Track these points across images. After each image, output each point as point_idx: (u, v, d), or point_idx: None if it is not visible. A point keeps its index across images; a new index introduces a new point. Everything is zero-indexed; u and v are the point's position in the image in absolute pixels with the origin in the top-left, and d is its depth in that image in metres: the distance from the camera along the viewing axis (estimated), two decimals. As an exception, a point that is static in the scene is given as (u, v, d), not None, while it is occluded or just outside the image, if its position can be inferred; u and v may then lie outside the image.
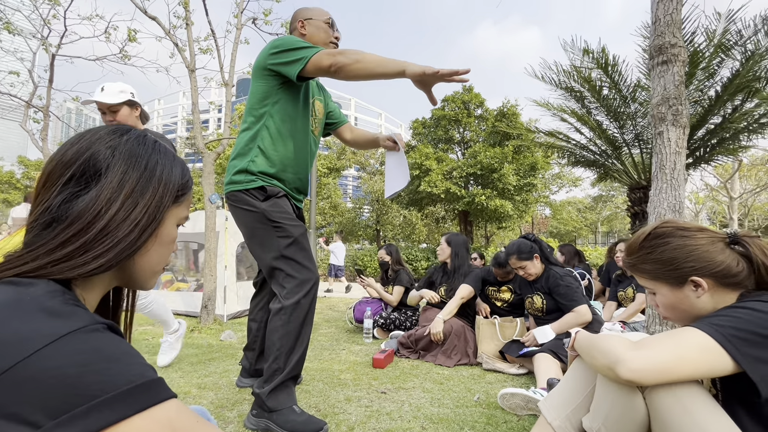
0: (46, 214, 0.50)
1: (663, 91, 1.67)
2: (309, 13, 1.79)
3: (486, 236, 20.67)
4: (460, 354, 2.68)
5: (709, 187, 20.26)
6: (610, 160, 5.42)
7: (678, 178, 1.62)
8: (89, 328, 0.42)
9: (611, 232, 42.97)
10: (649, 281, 1.02)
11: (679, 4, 1.68)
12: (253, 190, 1.65)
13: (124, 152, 0.54)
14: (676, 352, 0.81)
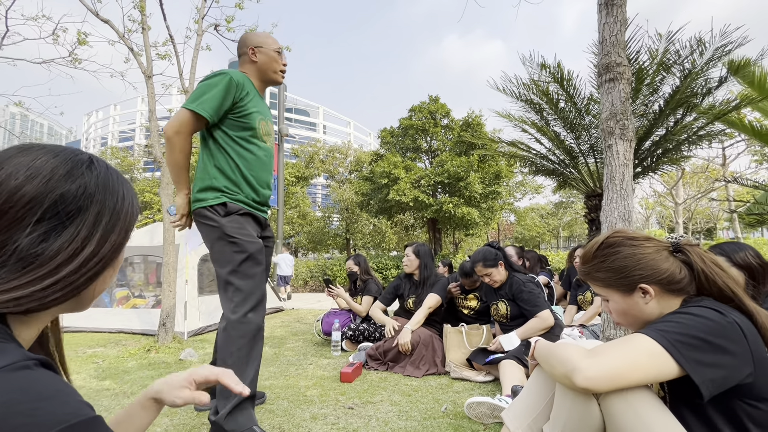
0: (4, 251, 0.47)
1: (611, 107, 1.78)
2: (259, 40, 1.88)
3: (454, 243, 21.05)
4: (429, 364, 2.68)
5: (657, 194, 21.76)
6: (568, 169, 5.71)
7: (626, 189, 1.73)
8: (17, 365, 0.40)
9: (572, 236, 45.06)
10: (602, 288, 1.07)
11: (623, 26, 1.81)
12: (216, 206, 1.74)
13: (96, 190, 0.54)
14: (627, 359, 0.85)
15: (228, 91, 1.70)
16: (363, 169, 20.19)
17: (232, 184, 1.77)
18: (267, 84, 1.94)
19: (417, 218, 15.67)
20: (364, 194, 14.34)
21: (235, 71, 1.77)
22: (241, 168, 1.79)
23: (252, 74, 1.89)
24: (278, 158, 11.40)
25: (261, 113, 1.87)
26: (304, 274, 13.09)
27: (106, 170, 0.57)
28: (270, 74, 1.90)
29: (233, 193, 1.77)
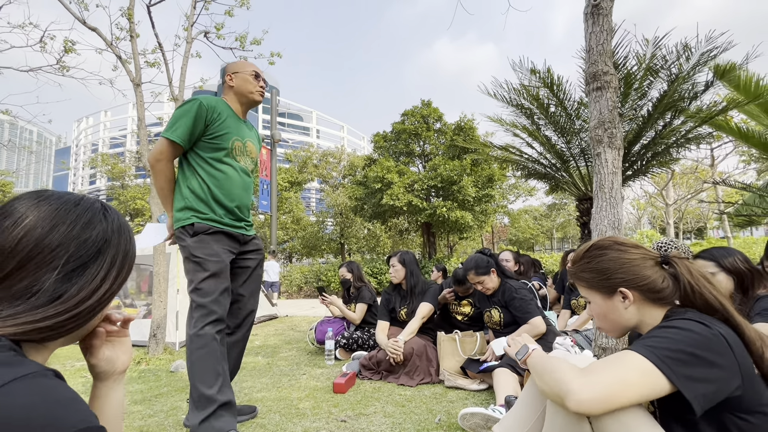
0: (33, 289, 0.55)
1: (599, 115, 1.80)
2: (236, 67, 2.05)
3: (449, 246, 21.09)
4: (423, 373, 2.66)
5: (648, 195, 22.02)
6: (559, 173, 5.74)
7: (616, 197, 1.74)
8: (37, 373, 0.46)
9: (565, 237, 45.38)
10: (585, 290, 1.09)
11: (609, 35, 1.82)
12: (186, 226, 1.86)
13: (112, 235, 0.63)
14: (618, 378, 0.84)
15: (198, 115, 1.82)
16: (356, 173, 20.20)
17: (202, 204, 1.87)
18: (248, 105, 2.07)
19: (411, 222, 15.67)
20: (358, 199, 14.32)
21: (206, 96, 1.91)
22: (211, 187, 1.88)
23: (231, 99, 2.03)
24: (271, 163, 11.34)
25: (236, 134, 1.97)
26: (299, 280, 13.02)
27: (117, 217, 0.67)
28: (247, 95, 2.03)
29: (202, 213, 1.86)
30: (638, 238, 26.04)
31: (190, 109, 1.82)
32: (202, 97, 1.88)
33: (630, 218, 34.71)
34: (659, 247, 2.27)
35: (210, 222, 1.87)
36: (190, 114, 1.82)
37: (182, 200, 1.89)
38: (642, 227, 34.66)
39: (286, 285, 12.96)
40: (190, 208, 1.87)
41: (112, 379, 0.71)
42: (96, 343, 0.69)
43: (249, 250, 2.07)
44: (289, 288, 12.94)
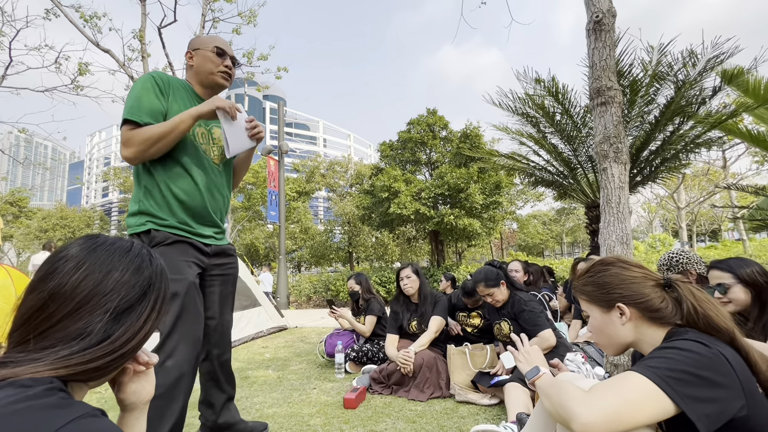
0: (87, 329, 0.59)
1: (604, 130, 1.80)
2: (197, 43, 1.72)
3: (457, 253, 20.99)
4: (433, 387, 2.65)
5: (659, 198, 21.71)
6: (567, 180, 5.73)
7: (623, 212, 1.73)
8: (87, 414, 0.52)
9: (575, 242, 44.85)
10: (586, 303, 1.11)
11: (612, 50, 1.84)
12: (141, 234, 1.54)
13: (155, 279, 0.69)
14: (622, 399, 0.85)
15: (148, 89, 1.53)
16: (363, 182, 20.29)
17: (158, 207, 1.55)
18: (210, 88, 1.74)
19: (419, 230, 15.65)
20: (366, 208, 14.37)
21: (157, 72, 1.65)
22: (171, 186, 1.56)
23: (192, 79, 1.73)
24: (279, 173, 11.47)
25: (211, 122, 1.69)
26: (308, 290, 13.04)
27: (160, 262, 0.72)
28: (208, 76, 1.70)
29: (161, 218, 1.54)
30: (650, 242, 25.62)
31: (141, 85, 1.54)
32: (153, 72, 1.61)
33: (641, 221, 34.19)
34: (670, 257, 2.25)
35: (170, 229, 1.55)
36: (139, 91, 1.52)
37: (136, 203, 1.56)
38: (654, 230, 34.14)
39: (295, 295, 12.99)
40: (145, 212, 1.54)
41: (138, 409, 0.75)
42: (125, 380, 0.73)
43: (220, 263, 1.75)
44: (298, 297, 12.97)
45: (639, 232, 38.77)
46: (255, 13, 6.36)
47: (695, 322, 0.96)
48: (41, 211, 26.53)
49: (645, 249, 22.45)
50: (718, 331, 0.93)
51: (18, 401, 0.50)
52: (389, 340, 3.06)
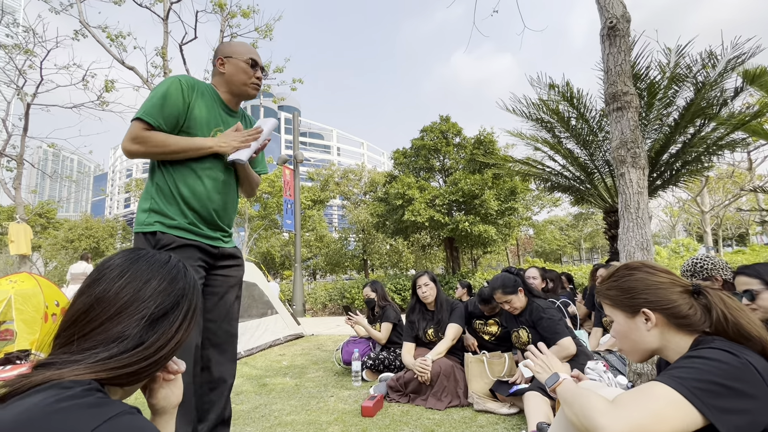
0: (124, 333, 0.65)
1: (621, 135, 1.78)
2: (230, 50, 1.69)
3: (473, 260, 20.78)
4: (451, 395, 2.63)
5: (681, 201, 21.07)
6: (584, 185, 5.64)
7: (643, 217, 1.70)
8: (124, 412, 0.55)
9: (594, 248, 43.84)
10: (610, 308, 1.09)
11: (627, 55, 1.83)
12: (147, 234, 1.52)
13: (188, 290, 0.74)
14: (647, 411, 0.83)
15: (171, 93, 1.52)
16: (377, 190, 20.38)
17: (167, 206, 1.54)
18: (239, 97, 1.74)
19: (433, 237, 15.57)
20: (380, 215, 14.41)
21: (185, 75, 1.62)
22: (179, 185, 1.55)
23: (220, 86, 1.70)
24: (294, 183, 11.64)
25: (215, 123, 1.66)
26: (323, 297, 13.09)
27: (193, 275, 0.78)
28: (239, 87, 1.69)
29: (169, 218, 1.53)
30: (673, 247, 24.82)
31: (166, 86, 1.53)
32: (180, 75, 1.60)
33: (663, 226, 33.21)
34: (694, 263, 2.19)
35: (177, 231, 1.53)
36: (163, 92, 1.51)
37: (148, 199, 1.55)
38: (677, 235, 33.09)
39: (311, 302, 13.06)
40: (156, 210, 1.53)
41: (168, 413, 0.80)
42: (155, 386, 0.78)
43: (225, 265, 1.71)
44: (314, 305, 13.03)
45: (661, 237, 37.63)
46: (271, 28, 6.55)
47: (724, 330, 0.94)
48: (68, 222, 27.53)
49: (668, 254, 21.77)
50: (748, 339, 0.91)
51: (59, 401, 0.53)
52: (405, 348, 3.05)
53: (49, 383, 0.57)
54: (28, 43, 7.00)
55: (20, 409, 0.54)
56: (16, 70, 6.86)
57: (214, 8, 5.75)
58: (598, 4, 1.98)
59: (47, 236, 25.25)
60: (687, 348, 0.96)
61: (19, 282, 5.27)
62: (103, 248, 26.15)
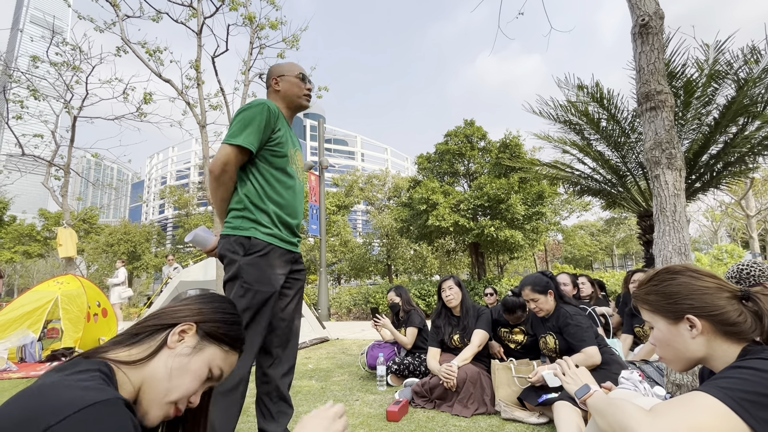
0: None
1: (655, 136, 1.71)
2: (281, 70, 1.88)
3: (499, 266, 20.36)
4: (477, 403, 2.59)
5: (724, 205, 19.89)
6: (615, 189, 5.42)
7: (680, 221, 1.62)
8: (108, 401, 0.57)
9: (628, 254, 41.99)
10: (649, 313, 1.03)
11: (660, 53, 1.76)
12: (242, 238, 1.65)
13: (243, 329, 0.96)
14: (690, 422, 0.79)
15: (268, 120, 1.68)
16: (401, 195, 20.37)
17: (264, 216, 1.68)
18: (294, 110, 1.92)
19: (458, 242, 15.38)
20: (404, 220, 14.39)
21: (269, 101, 1.77)
22: (276, 200, 1.71)
23: (279, 103, 1.86)
24: (320, 189, 11.83)
25: (292, 142, 1.85)
26: (348, 302, 13.17)
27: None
28: (295, 99, 1.87)
29: (265, 227, 1.67)
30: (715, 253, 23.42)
31: (260, 113, 1.65)
32: (267, 101, 1.73)
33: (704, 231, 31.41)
34: (739, 269, 2.07)
35: (271, 239, 1.68)
36: (260, 118, 1.64)
37: (241, 208, 1.68)
38: (719, 241, 31.21)
39: (336, 307, 13.16)
40: (251, 218, 1.66)
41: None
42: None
43: (297, 269, 1.89)
44: (338, 310, 13.12)
45: (702, 243, 35.56)
46: (297, 38, 6.76)
47: None
48: (108, 227, 29.09)
49: (710, 261, 20.51)
50: None
51: (68, 376, 0.62)
52: (431, 354, 3.03)
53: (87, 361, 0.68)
54: (75, 60, 7.53)
55: (53, 378, 0.63)
56: (65, 85, 7.38)
57: (244, 21, 5.99)
58: (629, 2, 1.92)
59: (90, 241, 26.75)
60: (734, 357, 0.91)
61: (65, 283, 5.62)
62: (140, 252, 27.43)
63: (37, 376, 4.11)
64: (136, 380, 0.74)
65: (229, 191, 1.71)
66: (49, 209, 29.35)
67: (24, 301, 5.23)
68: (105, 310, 6.03)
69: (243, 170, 1.73)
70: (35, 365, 4.60)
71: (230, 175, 1.66)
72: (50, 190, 7.51)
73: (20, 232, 26.78)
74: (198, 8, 5.73)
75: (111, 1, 6.13)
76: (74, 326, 5.19)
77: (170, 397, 0.76)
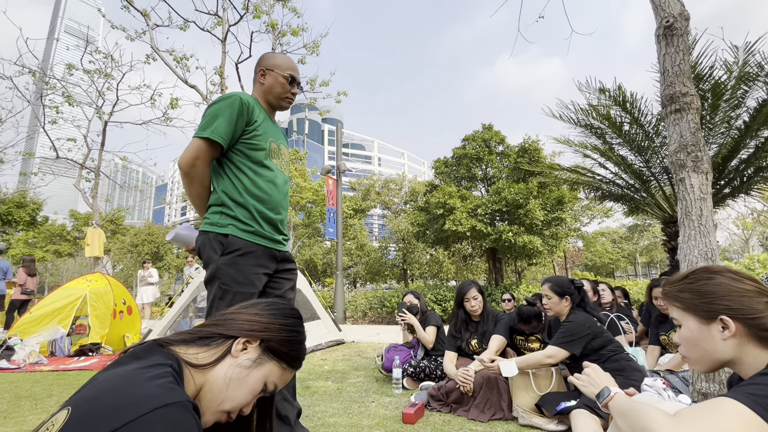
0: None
1: (680, 138, 1.67)
2: (272, 62, 1.78)
3: (517, 272, 20.03)
4: (494, 408, 2.56)
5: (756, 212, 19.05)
6: (638, 194, 5.28)
7: (706, 225, 1.58)
8: (180, 403, 0.60)
9: (652, 262, 40.63)
10: (680, 311, 1.00)
11: (686, 55, 1.72)
12: (219, 236, 1.59)
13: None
14: (716, 427, 0.77)
15: (240, 112, 1.60)
16: (418, 199, 20.34)
17: (240, 210, 1.61)
18: (273, 108, 1.83)
19: (475, 248, 15.23)
20: (420, 225, 14.36)
21: (243, 93, 1.69)
22: (255, 195, 1.64)
23: (260, 96, 1.79)
24: (337, 192, 11.95)
25: (271, 134, 1.75)
26: (363, 306, 13.20)
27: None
28: (274, 99, 1.79)
29: (244, 224, 1.61)
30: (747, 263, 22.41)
31: (231, 105, 1.58)
32: (240, 93, 1.65)
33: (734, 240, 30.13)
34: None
35: (251, 236, 1.61)
36: (230, 110, 1.57)
37: (219, 204, 1.62)
38: (751, 250, 29.84)
39: (351, 310, 13.21)
40: (229, 215, 1.60)
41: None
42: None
43: (284, 269, 1.80)
44: (354, 313, 13.17)
45: (732, 252, 34.07)
46: (318, 44, 6.91)
47: None
48: (133, 228, 30.10)
49: (740, 271, 19.62)
50: None
51: (144, 369, 0.65)
52: (447, 357, 3.02)
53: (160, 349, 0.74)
54: (107, 68, 7.90)
55: (132, 368, 0.66)
56: (97, 91, 7.73)
57: (267, 28, 6.18)
58: (653, 3, 1.89)
59: (116, 241, 27.73)
60: (764, 364, 0.88)
61: (93, 281, 5.85)
62: (163, 253, 28.23)
63: (66, 370, 4.29)
64: (198, 382, 0.76)
65: (203, 187, 1.64)
66: (79, 210, 30.61)
67: (55, 298, 5.47)
68: (130, 307, 6.24)
69: (219, 165, 1.66)
70: (64, 359, 4.79)
71: (200, 169, 1.58)
72: (81, 192, 7.86)
73: (52, 232, 27.99)
74: (223, 17, 5.94)
75: (142, 11, 6.42)
76: (101, 323, 5.39)
77: (224, 406, 0.78)
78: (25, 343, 4.65)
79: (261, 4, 6.62)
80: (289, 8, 6.81)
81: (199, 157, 1.56)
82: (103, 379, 0.65)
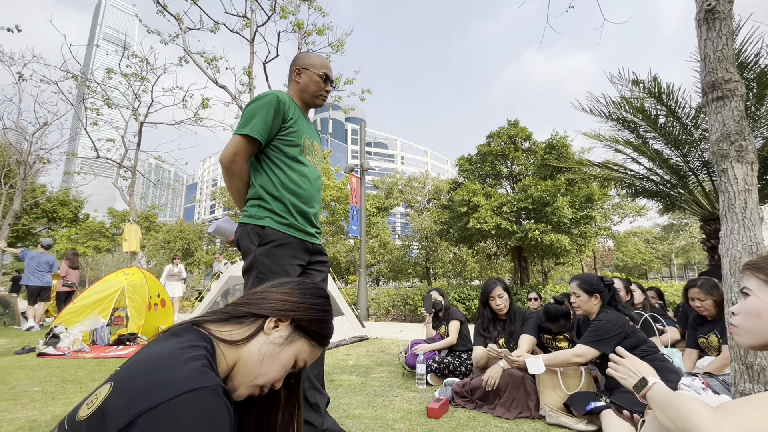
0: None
1: (722, 128, 1.58)
2: (306, 62, 1.86)
3: (543, 272, 19.54)
4: (521, 407, 2.52)
5: (806, 212, 17.77)
6: (675, 190, 5.03)
7: (752, 218, 1.48)
8: (211, 387, 0.63)
9: (688, 264, 38.66)
10: (758, 281, 0.93)
11: (729, 40, 1.62)
12: (257, 227, 1.66)
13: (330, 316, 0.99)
14: (763, 421, 0.73)
15: (277, 111, 1.67)
16: (441, 197, 20.18)
17: (277, 203, 1.68)
18: (308, 106, 1.91)
19: (500, 246, 14.96)
20: (444, 223, 14.24)
21: (280, 91, 1.77)
22: (290, 189, 1.71)
23: (295, 94, 1.87)
24: (360, 191, 12.03)
25: (305, 131, 1.83)
26: (386, 303, 13.24)
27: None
28: (309, 97, 1.86)
29: (280, 217, 1.68)
30: (795, 266, 20.91)
31: (267, 104, 1.66)
32: (277, 92, 1.73)
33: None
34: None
35: (286, 229, 1.68)
36: (267, 108, 1.65)
37: (256, 198, 1.70)
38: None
39: (374, 308, 13.28)
40: (266, 208, 1.67)
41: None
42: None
43: (317, 261, 1.86)
44: (377, 311, 13.23)
45: None
46: (343, 42, 6.98)
47: None
48: (165, 225, 31.39)
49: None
50: None
51: (183, 350, 0.69)
52: (477, 349, 3.04)
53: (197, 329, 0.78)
54: (142, 71, 8.29)
55: (169, 347, 0.69)
56: (133, 94, 8.11)
57: (293, 28, 6.30)
58: (693, -13, 1.80)
59: (150, 237, 29.00)
60: None
61: (130, 275, 6.16)
62: (193, 249, 29.28)
63: (106, 357, 4.54)
64: (231, 359, 0.80)
65: (243, 181, 1.72)
66: (117, 208, 32.18)
67: (95, 290, 5.80)
68: (163, 300, 6.53)
69: (257, 161, 1.74)
70: (104, 348, 5.07)
71: (240, 164, 1.67)
72: (119, 190, 8.28)
73: (92, 228, 29.59)
74: (252, 18, 6.11)
75: (175, 15, 6.70)
76: (138, 314, 5.67)
77: (258, 381, 0.82)
78: (69, 332, 4.95)
79: (287, 5, 6.77)
80: (314, 8, 6.93)
81: (238, 152, 1.64)
82: (142, 358, 0.69)
